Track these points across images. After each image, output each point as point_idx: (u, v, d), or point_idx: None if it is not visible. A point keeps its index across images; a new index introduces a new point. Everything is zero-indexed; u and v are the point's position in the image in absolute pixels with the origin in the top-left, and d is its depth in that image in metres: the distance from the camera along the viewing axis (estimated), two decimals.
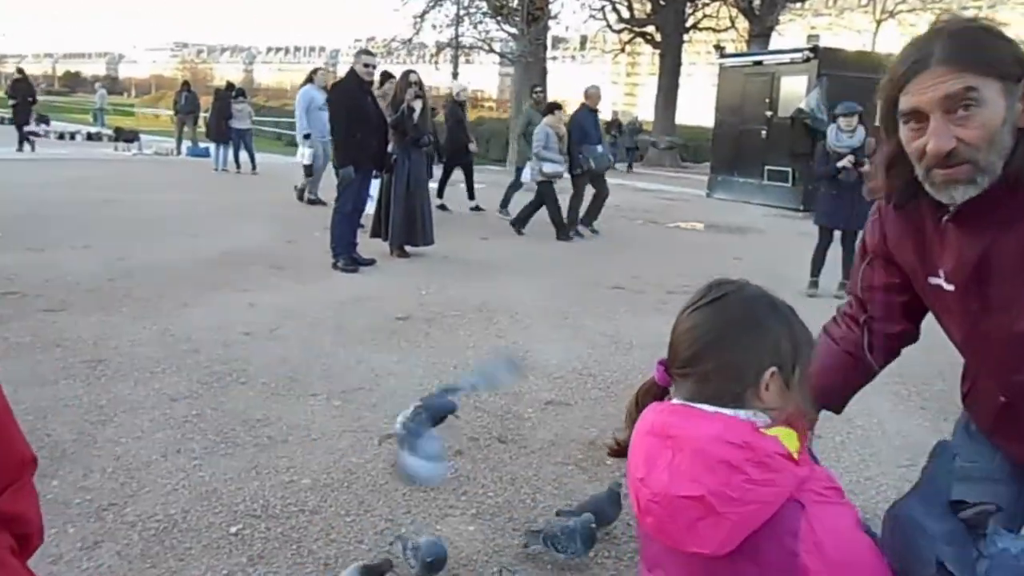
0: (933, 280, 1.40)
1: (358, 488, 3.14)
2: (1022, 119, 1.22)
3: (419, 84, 7.63)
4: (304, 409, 3.90)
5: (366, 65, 6.95)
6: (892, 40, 27.44)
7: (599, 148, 9.48)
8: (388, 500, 3.05)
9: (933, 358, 2.76)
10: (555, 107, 9.48)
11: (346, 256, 7.01)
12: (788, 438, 1.06)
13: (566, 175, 9.41)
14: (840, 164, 6.70)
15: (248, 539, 2.73)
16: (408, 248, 7.75)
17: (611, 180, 10.16)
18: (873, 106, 1.34)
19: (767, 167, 14.63)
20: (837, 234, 7.03)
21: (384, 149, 7.23)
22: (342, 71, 8.61)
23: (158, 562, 2.57)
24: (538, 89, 10.64)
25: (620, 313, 6.09)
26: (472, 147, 11.32)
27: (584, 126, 9.42)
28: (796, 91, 13.78)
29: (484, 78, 47.73)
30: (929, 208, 1.34)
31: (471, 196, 11.48)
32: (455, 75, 18.83)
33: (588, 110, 9.72)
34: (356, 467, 3.32)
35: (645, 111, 39.43)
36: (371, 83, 7.08)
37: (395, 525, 2.87)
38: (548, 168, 9.10)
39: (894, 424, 4.06)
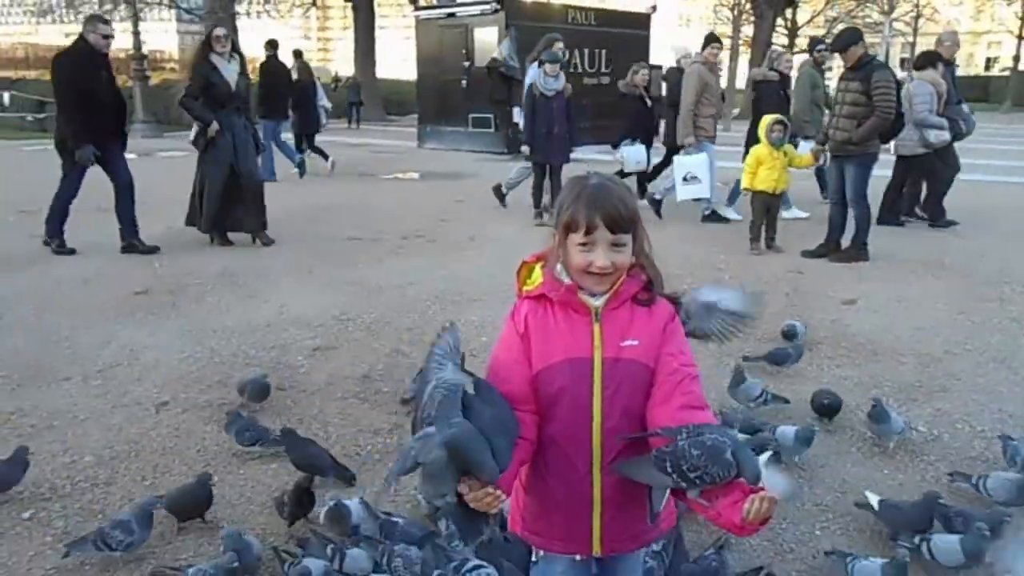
0: None
1: (148, 455, 3.16)
2: None
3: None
4: (61, 394, 3.74)
5: (105, 36, 6.21)
6: None
7: (965, 108, 7.95)
8: (183, 459, 3.13)
9: None
10: (935, 58, 7.57)
11: (59, 237, 6.46)
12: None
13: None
14: None
15: (45, 520, 2.70)
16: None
17: (328, 137, 10.06)
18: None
19: (471, 115, 15.47)
20: None
21: (123, 128, 6.69)
22: None
23: None
24: (821, 47, 8.31)
25: (361, 261, 6.36)
26: None
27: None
28: (489, 41, 14.63)
29: (162, 38, 43.70)
30: None
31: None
32: (136, 34, 17.23)
33: (943, 63, 7.74)
34: (139, 437, 3.32)
35: (342, 66, 38.91)
36: (106, 55, 6.42)
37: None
38: (935, 137, 7.44)
39: None
